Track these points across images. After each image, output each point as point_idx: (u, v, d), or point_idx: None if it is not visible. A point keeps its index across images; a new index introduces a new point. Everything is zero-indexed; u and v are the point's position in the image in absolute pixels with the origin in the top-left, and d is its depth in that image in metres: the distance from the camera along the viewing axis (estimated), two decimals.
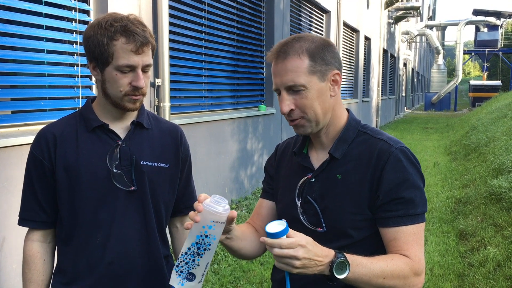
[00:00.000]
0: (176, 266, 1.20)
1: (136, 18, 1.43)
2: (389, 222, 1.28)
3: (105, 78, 1.43)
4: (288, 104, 1.31)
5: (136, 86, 1.41)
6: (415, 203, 1.28)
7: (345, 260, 1.16)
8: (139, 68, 1.41)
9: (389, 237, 1.29)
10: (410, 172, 1.29)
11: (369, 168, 1.31)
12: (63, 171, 1.45)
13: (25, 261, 1.51)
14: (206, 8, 5.38)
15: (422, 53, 39.88)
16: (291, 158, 1.49)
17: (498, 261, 3.97)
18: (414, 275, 1.24)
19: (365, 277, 1.20)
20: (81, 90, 3.55)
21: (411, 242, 1.27)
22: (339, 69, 1.35)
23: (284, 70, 1.30)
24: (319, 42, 1.33)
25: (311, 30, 9.43)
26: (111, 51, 1.38)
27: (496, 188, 5.60)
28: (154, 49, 1.48)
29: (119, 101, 1.44)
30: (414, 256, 1.26)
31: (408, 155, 1.32)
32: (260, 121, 6.80)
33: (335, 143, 1.37)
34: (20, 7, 3.05)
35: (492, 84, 31.06)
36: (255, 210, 1.60)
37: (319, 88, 1.31)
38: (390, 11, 19.34)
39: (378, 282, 1.21)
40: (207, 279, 3.81)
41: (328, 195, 1.35)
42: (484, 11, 31.84)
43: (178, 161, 1.63)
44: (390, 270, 1.22)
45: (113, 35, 1.37)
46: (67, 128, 1.50)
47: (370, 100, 15.52)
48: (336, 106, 1.38)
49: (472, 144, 10.20)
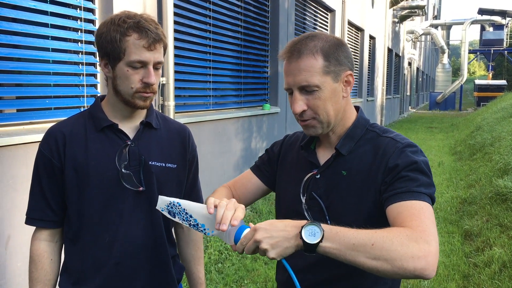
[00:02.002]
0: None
1: (149, 16, 1.43)
2: (392, 199, 1.20)
3: (116, 75, 1.42)
4: (301, 105, 1.28)
5: (147, 82, 1.41)
6: (420, 182, 1.20)
7: (317, 225, 1.07)
8: (150, 65, 1.41)
9: (392, 214, 1.18)
10: (416, 160, 1.24)
11: (374, 164, 1.29)
12: (72, 171, 1.45)
13: (32, 260, 1.50)
14: (211, 7, 5.37)
15: (427, 52, 39.75)
16: (297, 152, 1.48)
17: (504, 261, 3.95)
18: (414, 241, 1.04)
19: (349, 245, 1.05)
20: (86, 89, 3.55)
21: (416, 215, 1.13)
22: (352, 70, 1.34)
23: (297, 69, 1.27)
24: (333, 41, 1.31)
25: (315, 29, 9.41)
26: (123, 46, 1.38)
27: (502, 188, 5.57)
28: (166, 47, 1.48)
29: (130, 98, 1.43)
30: (416, 226, 1.09)
31: (414, 146, 1.30)
32: (264, 120, 6.79)
33: (342, 139, 1.36)
34: (25, 5, 3.05)
35: (497, 83, 30.91)
36: (241, 180, 1.59)
37: (333, 89, 1.29)
38: (395, 10, 19.28)
39: (366, 250, 1.04)
40: (211, 278, 3.81)
41: (333, 191, 1.34)
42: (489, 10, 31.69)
43: (186, 161, 1.62)
44: (380, 235, 1.06)
45: (125, 31, 1.37)
46: (76, 127, 1.49)
47: (374, 99, 15.48)
48: (347, 107, 1.37)
49: (477, 143, 10.16)
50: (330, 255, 1.08)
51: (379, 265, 1.04)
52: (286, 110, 7.57)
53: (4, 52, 2.94)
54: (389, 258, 1.03)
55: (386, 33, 16.96)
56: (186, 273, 1.77)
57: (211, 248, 4.37)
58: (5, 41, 2.94)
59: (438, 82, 34.57)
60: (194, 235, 1.75)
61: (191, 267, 1.75)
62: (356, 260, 1.06)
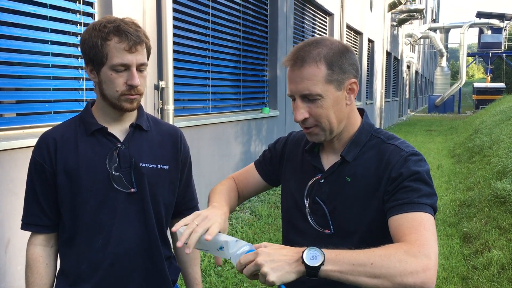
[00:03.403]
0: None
1: (130, 20, 1.45)
2: (394, 210, 1.21)
3: (101, 80, 1.44)
4: (303, 113, 1.28)
5: (131, 84, 1.42)
6: (421, 193, 1.21)
7: (316, 249, 1.08)
8: (133, 67, 1.42)
9: (394, 226, 1.19)
10: (418, 170, 1.25)
11: (378, 172, 1.29)
12: (64, 175, 1.47)
13: (28, 265, 1.52)
14: (210, 11, 5.40)
15: (426, 55, 39.82)
16: (302, 154, 1.48)
17: (502, 264, 3.96)
18: (412, 256, 1.06)
19: (349, 266, 1.07)
20: (86, 93, 3.56)
21: (415, 227, 1.14)
22: (356, 77, 1.32)
23: (300, 77, 1.26)
24: (337, 48, 1.28)
25: (314, 33, 9.44)
26: (105, 51, 1.40)
27: (500, 191, 5.58)
28: (149, 49, 1.49)
29: (116, 102, 1.45)
30: (415, 240, 1.10)
31: (418, 155, 1.30)
32: (263, 124, 6.81)
33: (347, 145, 1.36)
34: (25, 10, 3.07)
35: (496, 86, 31.00)
36: (245, 173, 1.63)
37: (335, 97, 1.28)
38: (393, 13, 19.34)
39: (366, 270, 1.06)
40: (211, 281, 3.82)
41: (337, 197, 1.34)
42: (487, 13, 31.80)
43: (178, 163, 1.64)
44: (378, 254, 1.07)
45: (106, 35, 1.39)
46: (67, 132, 1.51)
47: (373, 103, 15.50)
48: (351, 114, 1.36)
49: (476, 146, 10.17)
50: (332, 278, 1.09)
51: (380, 283, 1.06)
52: (285, 114, 7.59)
53: (4, 56, 2.96)
54: (389, 275, 1.05)
55: (385, 36, 17.00)
56: (182, 274, 1.78)
57: None
58: (5, 46, 2.96)
59: (437, 85, 34.59)
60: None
61: (187, 268, 1.76)
62: (357, 281, 1.07)
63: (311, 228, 1.36)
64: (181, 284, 3.04)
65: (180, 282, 1.94)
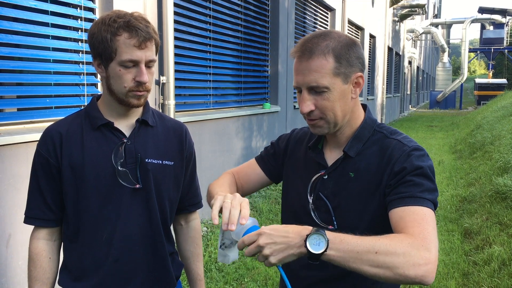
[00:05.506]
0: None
1: (140, 15, 1.43)
2: (396, 203, 1.21)
3: (109, 75, 1.43)
4: (309, 105, 1.28)
5: (140, 81, 1.41)
6: (424, 188, 1.21)
7: (321, 234, 1.07)
8: (142, 63, 1.41)
9: (395, 218, 1.19)
10: (421, 165, 1.25)
11: (381, 166, 1.29)
12: (69, 169, 1.46)
13: (30, 259, 1.51)
14: (211, 6, 5.38)
15: (427, 51, 39.73)
16: (305, 151, 1.48)
17: (503, 259, 3.96)
18: (415, 249, 1.06)
19: (353, 253, 1.06)
20: (87, 88, 3.56)
21: (418, 221, 1.14)
22: (362, 71, 1.32)
23: (307, 69, 1.25)
24: (345, 41, 1.28)
25: (316, 28, 9.41)
26: (114, 46, 1.38)
27: (501, 187, 5.58)
28: (158, 45, 1.47)
29: (124, 97, 1.44)
30: (418, 233, 1.11)
31: (421, 150, 1.30)
32: (264, 119, 6.80)
33: (350, 141, 1.35)
34: (26, 4, 3.06)
35: (497, 82, 30.89)
36: (246, 169, 1.62)
37: (342, 90, 1.28)
38: (395, 9, 19.28)
39: (369, 258, 1.06)
40: (212, 276, 3.83)
41: (340, 192, 1.34)
42: (489, 9, 31.67)
43: (183, 158, 1.63)
44: (383, 243, 1.07)
45: (116, 30, 1.37)
46: (73, 127, 1.50)
47: (375, 98, 15.48)
48: (355, 108, 1.36)
49: (477, 142, 10.17)
50: (333, 263, 1.09)
51: (382, 273, 1.06)
52: (286, 109, 7.58)
53: (4, 51, 2.95)
54: (392, 266, 1.05)
55: (386, 32, 16.96)
56: (185, 270, 1.78)
57: (212, 246, 4.38)
58: (5, 40, 2.95)
59: (438, 81, 34.53)
60: (193, 232, 1.76)
61: (190, 264, 1.76)
62: (359, 268, 1.07)
63: (314, 224, 1.36)
64: (183, 279, 3.05)
65: (182, 277, 1.94)
